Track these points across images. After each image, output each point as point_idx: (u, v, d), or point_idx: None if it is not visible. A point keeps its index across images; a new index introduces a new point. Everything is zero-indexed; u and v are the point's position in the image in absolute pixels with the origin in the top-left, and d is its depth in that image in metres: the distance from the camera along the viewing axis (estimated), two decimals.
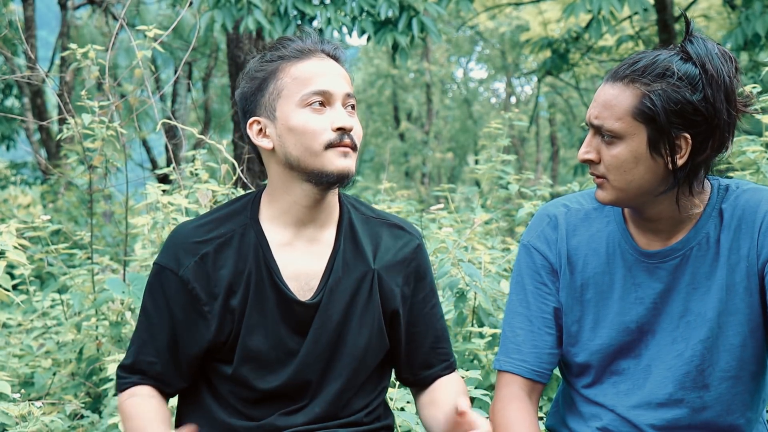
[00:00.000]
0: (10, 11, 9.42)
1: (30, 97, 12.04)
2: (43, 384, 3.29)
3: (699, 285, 1.73)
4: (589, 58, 12.44)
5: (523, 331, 1.84)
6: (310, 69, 1.73)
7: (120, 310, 3.20)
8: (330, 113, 1.72)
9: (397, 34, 5.80)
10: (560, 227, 1.83)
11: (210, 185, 3.39)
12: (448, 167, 23.65)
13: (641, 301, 1.76)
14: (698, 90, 1.60)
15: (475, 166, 4.75)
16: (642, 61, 1.64)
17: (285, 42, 1.77)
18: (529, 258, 1.85)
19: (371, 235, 1.85)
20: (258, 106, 1.76)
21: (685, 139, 1.62)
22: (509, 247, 3.87)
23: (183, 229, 1.81)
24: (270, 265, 1.76)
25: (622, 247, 1.78)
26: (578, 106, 20.56)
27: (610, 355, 1.79)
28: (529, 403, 1.83)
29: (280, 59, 1.74)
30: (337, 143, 1.71)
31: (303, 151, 1.71)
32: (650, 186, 1.67)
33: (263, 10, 5.82)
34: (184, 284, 1.76)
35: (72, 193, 9.25)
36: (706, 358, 1.73)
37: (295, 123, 1.71)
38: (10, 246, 2.98)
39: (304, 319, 1.78)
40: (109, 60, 3.63)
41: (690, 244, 1.73)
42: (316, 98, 1.71)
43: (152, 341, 1.80)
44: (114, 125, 3.43)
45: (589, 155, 1.71)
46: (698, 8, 12.52)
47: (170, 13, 14.61)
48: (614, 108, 1.65)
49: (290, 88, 1.72)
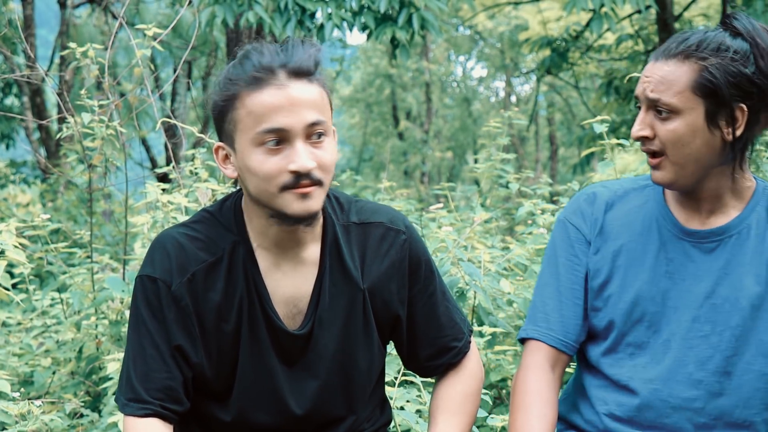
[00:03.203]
0: (10, 10, 9.42)
1: (29, 96, 12.04)
2: (42, 383, 3.28)
3: (731, 272, 1.75)
4: (588, 57, 12.44)
5: (552, 300, 1.86)
6: (264, 101, 1.56)
7: (120, 308, 3.19)
8: (288, 152, 1.57)
9: (397, 29, 5.80)
10: (597, 202, 1.86)
11: (210, 184, 3.39)
12: (447, 166, 23.64)
13: (671, 276, 1.78)
14: (751, 62, 1.66)
15: (475, 165, 4.75)
16: (692, 38, 1.69)
17: (246, 58, 1.61)
18: (563, 232, 1.88)
19: (356, 246, 1.74)
20: (221, 132, 1.64)
21: (741, 110, 1.68)
22: (509, 246, 3.87)
23: (171, 240, 1.68)
24: (259, 289, 1.67)
25: (660, 222, 1.81)
26: (577, 105, 20.56)
27: (632, 320, 1.80)
28: (551, 374, 1.84)
29: (238, 84, 1.59)
30: (293, 185, 1.57)
31: (260, 191, 1.60)
32: (707, 160, 1.70)
33: (264, 5, 5.81)
34: (176, 300, 1.65)
35: (71, 192, 9.24)
36: (732, 346, 1.75)
37: (250, 164, 1.58)
38: (10, 245, 2.98)
39: (291, 349, 1.70)
40: (108, 59, 3.63)
41: (730, 231, 1.76)
42: (270, 137, 1.56)
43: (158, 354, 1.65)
44: (113, 124, 3.43)
45: (644, 131, 1.73)
46: (698, 7, 12.51)
47: (170, 12, 14.61)
48: (672, 83, 1.68)
49: (245, 123, 1.58)
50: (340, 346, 1.73)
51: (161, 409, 1.65)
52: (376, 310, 1.76)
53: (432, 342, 1.83)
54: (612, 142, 3.47)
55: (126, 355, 1.70)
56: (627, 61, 11.58)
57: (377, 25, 5.93)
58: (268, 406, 1.71)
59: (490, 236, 4.21)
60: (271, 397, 1.71)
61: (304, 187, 1.58)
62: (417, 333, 1.82)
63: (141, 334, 1.67)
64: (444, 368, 1.87)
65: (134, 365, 1.67)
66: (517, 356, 3.01)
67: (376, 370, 1.81)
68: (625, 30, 11.77)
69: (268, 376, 1.70)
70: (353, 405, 1.78)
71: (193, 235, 1.69)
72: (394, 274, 1.77)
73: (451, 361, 1.86)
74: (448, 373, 1.87)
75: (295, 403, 1.72)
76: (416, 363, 1.87)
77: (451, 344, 1.85)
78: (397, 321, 1.80)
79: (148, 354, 1.66)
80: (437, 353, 1.84)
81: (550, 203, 3.81)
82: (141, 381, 1.66)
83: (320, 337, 1.71)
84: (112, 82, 3.68)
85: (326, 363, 1.72)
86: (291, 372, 1.71)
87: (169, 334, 1.66)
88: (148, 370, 1.66)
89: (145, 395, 1.65)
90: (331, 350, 1.72)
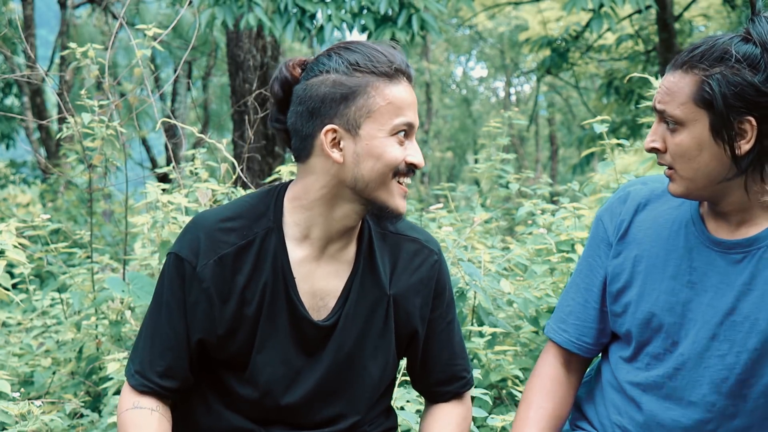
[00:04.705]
0: (10, 10, 9.42)
1: (29, 96, 12.04)
2: (42, 383, 3.28)
3: (756, 288, 1.66)
4: (588, 57, 12.44)
5: (574, 302, 1.84)
6: (402, 96, 1.66)
7: (120, 309, 3.19)
8: (408, 146, 1.68)
9: (396, 30, 5.80)
10: (630, 201, 1.80)
11: (210, 184, 3.39)
12: (447, 166, 23.65)
13: (692, 285, 1.71)
14: (760, 70, 1.55)
15: (475, 165, 4.75)
16: (701, 47, 1.60)
17: (375, 53, 1.66)
18: (594, 229, 1.85)
19: (389, 254, 1.80)
20: (339, 115, 1.65)
21: (749, 122, 1.57)
22: (509, 246, 3.87)
23: (205, 222, 1.73)
24: (287, 278, 1.71)
25: (689, 229, 1.72)
26: (578, 105, 20.55)
27: (650, 330, 1.74)
28: (563, 373, 1.84)
29: (372, 74, 1.64)
30: (404, 174, 1.68)
31: (376, 177, 1.65)
32: (718, 174, 1.62)
33: (264, 7, 5.82)
34: (199, 281, 1.70)
35: (71, 192, 9.25)
36: (749, 368, 1.67)
37: (381, 150, 1.65)
38: (10, 245, 2.98)
39: (314, 340, 1.74)
40: (108, 59, 3.63)
41: (758, 243, 1.66)
42: (404, 129, 1.66)
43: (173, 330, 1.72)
44: (113, 124, 3.43)
45: (655, 144, 1.66)
46: (698, 7, 12.51)
47: (170, 12, 14.61)
48: (676, 95, 1.61)
49: (382, 111, 1.64)
50: (355, 344, 1.76)
51: (160, 389, 1.73)
52: (398, 320, 1.80)
53: (444, 367, 1.88)
54: (612, 143, 3.47)
55: (143, 324, 1.77)
56: (627, 61, 11.59)
57: (377, 26, 5.93)
58: (277, 390, 1.75)
59: (490, 236, 4.21)
60: (282, 381, 1.74)
61: (406, 189, 1.70)
62: (432, 355, 1.87)
63: (160, 309, 1.74)
64: (450, 396, 1.91)
65: (149, 339, 1.75)
66: (517, 356, 3.02)
67: (387, 378, 1.84)
68: (625, 30, 11.77)
69: (281, 361, 1.74)
70: (357, 405, 1.80)
71: (229, 216, 1.73)
72: (420, 290, 1.82)
73: (458, 390, 1.91)
74: (451, 401, 1.92)
75: (303, 391, 1.75)
76: (425, 384, 1.91)
77: (461, 374, 1.91)
78: (415, 336, 1.84)
79: (162, 331, 1.73)
80: (448, 379, 1.89)
81: (550, 203, 3.81)
82: (150, 355, 1.73)
83: (341, 331, 1.74)
84: (112, 82, 3.68)
85: (338, 358, 1.75)
86: (308, 360, 1.75)
87: (186, 313, 1.71)
88: (159, 346, 1.73)
89: (150, 372, 1.73)
90: (346, 347, 1.76)
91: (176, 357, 1.73)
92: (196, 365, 1.76)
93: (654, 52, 10.72)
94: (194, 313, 1.71)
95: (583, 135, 10.94)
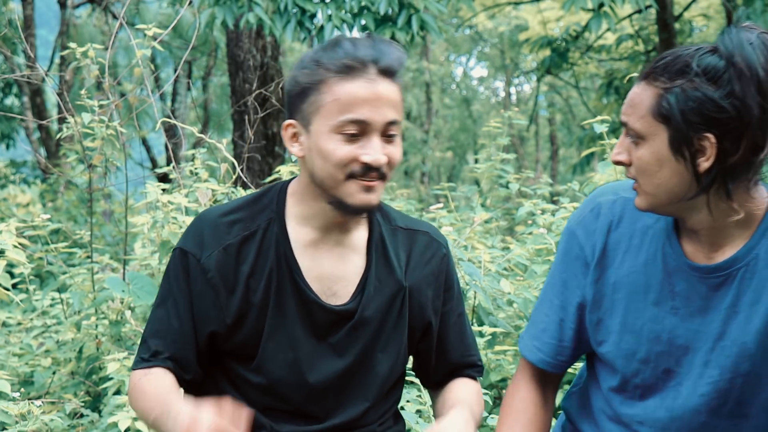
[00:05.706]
0: (10, 10, 9.42)
1: (29, 96, 12.05)
2: (42, 383, 3.28)
3: (741, 310, 1.59)
4: (588, 57, 12.44)
5: (548, 318, 1.78)
6: (353, 92, 1.60)
7: (120, 309, 3.19)
8: (363, 144, 1.62)
9: (396, 30, 5.80)
10: (602, 217, 1.70)
11: (210, 184, 3.39)
12: (447, 166, 23.66)
13: (676, 311, 1.63)
14: (722, 85, 1.46)
15: (475, 165, 4.75)
16: (666, 58, 1.52)
17: (338, 46, 1.63)
18: (567, 244, 1.75)
19: (403, 248, 1.81)
20: (296, 111, 1.67)
21: (708, 139, 1.48)
22: (509, 246, 3.87)
23: (209, 216, 1.75)
24: (291, 264, 1.72)
25: (666, 251, 1.63)
26: (578, 105, 20.56)
27: (636, 364, 1.67)
28: (539, 390, 1.81)
29: (327, 70, 1.62)
30: (360, 175, 1.62)
31: (326, 176, 1.64)
32: (680, 191, 1.53)
33: (264, 6, 5.82)
34: (204, 272, 1.71)
35: (71, 192, 9.25)
36: (746, 390, 1.61)
37: (324, 148, 1.62)
38: (10, 245, 2.98)
39: (324, 324, 1.74)
40: (108, 59, 3.63)
41: (737, 264, 1.58)
42: (351, 128, 1.61)
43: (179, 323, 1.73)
44: (113, 124, 3.43)
45: (620, 156, 1.59)
46: (698, 7, 12.52)
47: (170, 12, 14.60)
48: (637, 107, 1.54)
49: (329, 108, 1.61)
50: (371, 335, 1.77)
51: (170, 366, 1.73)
52: (412, 311, 1.81)
53: (460, 358, 1.90)
54: (612, 142, 3.47)
55: (149, 320, 1.78)
56: (627, 61, 11.58)
57: (377, 26, 5.93)
58: (287, 376, 1.75)
59: (490, 236, 4.21)
60: (292, 367, 1.74)
61: (371, 180, 1.63)
62: (448, 348, 1.89)
63: (166, 303, 1.75)
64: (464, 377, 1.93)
65: (155, 332, 1.75)
66: (517, 356, 3.02)
67: (396, 372, 1.84)
68: (625, 30, 11.77)
69: (290, 347, 1.74)
70: (368, 393, 1.80)
71: (232, 210, 1.76)
72: (432, 282, 1.83)
73: (472, 375, 1.93)
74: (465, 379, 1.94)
75: (314, 378, 1.75)
76: (440, 376, 1.91)
77: (477, 363, 1.93)
78: (428, 328, 1.85)
79: (168, 323, 1.74)
80: (459, 371, 1.91)
81: (550, 203, 3.81)
82: (156, 346, 1.74)
83: (361, 319, 1.75)
84: (112, 82, 3.68)
85: (357, 346, 1.76)
86: (318, 345, 1.75)
87: (192, 306, 1.73)
88: (166, 338, 1.74)
89: (158, 359, 1.73)
90: (362, 336, 1.76)
91: (182, 349, 1.73)
92: (205, 359, 1.77)
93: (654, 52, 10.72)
94: (201, 305, 1.72)
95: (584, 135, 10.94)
